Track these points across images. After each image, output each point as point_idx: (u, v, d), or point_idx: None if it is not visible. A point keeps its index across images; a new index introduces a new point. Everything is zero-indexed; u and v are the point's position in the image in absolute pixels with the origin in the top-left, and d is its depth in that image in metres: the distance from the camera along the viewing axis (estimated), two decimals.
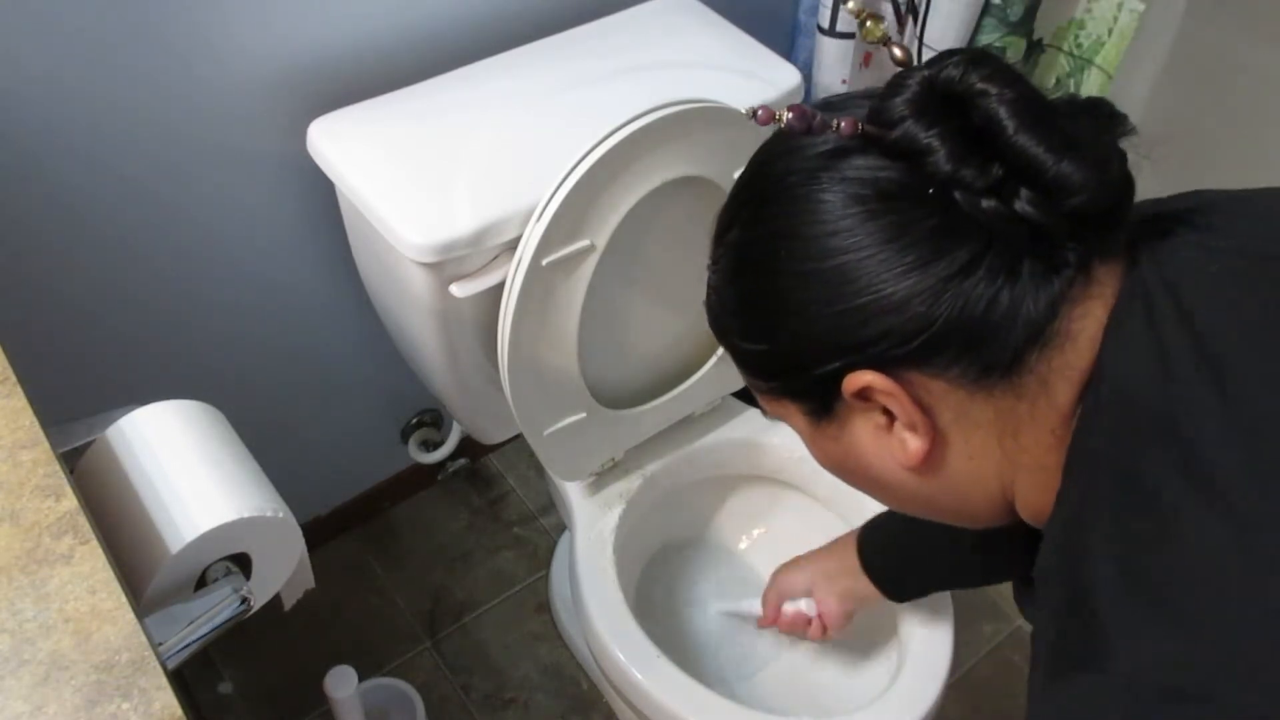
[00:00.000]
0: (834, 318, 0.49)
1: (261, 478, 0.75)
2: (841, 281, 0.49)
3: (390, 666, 1.44)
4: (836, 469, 0.59)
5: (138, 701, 0.50)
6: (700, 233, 1.06)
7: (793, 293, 0.51)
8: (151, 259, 1.06)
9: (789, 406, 0.57)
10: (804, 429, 0.58)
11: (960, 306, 0.47)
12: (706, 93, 0.93)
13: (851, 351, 0.50)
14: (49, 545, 0.56)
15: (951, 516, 0.58)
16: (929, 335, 0.47)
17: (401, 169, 0.94)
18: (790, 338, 0.52)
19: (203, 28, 0.93)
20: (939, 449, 0.52)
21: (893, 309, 0.48)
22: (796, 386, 0.55)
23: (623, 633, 1.05)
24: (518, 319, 0.92)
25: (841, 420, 0.54)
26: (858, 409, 0.53)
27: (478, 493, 1.63)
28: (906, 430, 0.52)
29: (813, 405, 0.55)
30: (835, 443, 0.56)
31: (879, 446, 0.54)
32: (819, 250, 0.49)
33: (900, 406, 0.50)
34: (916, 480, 0.54)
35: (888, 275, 0.48)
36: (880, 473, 0.56)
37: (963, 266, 0.47)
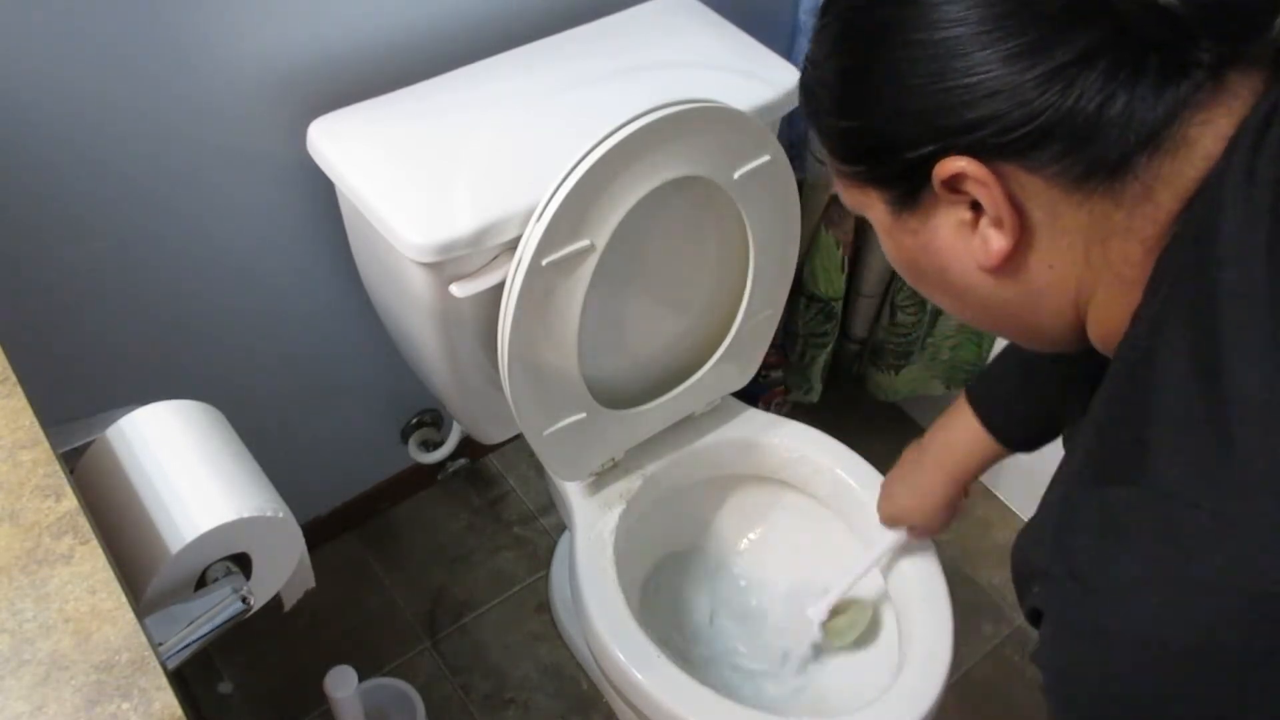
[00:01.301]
0: (938, 95, 0.47)
1: (261, 478, 0.75)
2: (952, 56, 0.46)
3: (390, 666, 1.44)
4: (909, 267, 0.56)
5: (138, 701, 0.50)
6: (700, 233, 1.07)
7: (899, 64, 0.48)
8: (151, 259, 1.06)
9: (870, 194, 0.54)
10: (882, 220, 0.55)
11: (1074, 99, 0.44)
12: (706, 93, 0.93)
13: (950, 134, 0.47)
14: (49, 545, 0.56)
15: (1017, 329, 0.56)
16: (1035, 126, 0.45)
17: (401, 169, 0.94)
18: (888, 114, 0.49)
19: (202, 27, 0.93)
20: (1021, 251, 0.49)
21: (1001, 93, 0.45)
22: (883, 171, 0.52)
23: (623, 633, 1.05)
24: (518, 319, 0.92)
25: (924, 212, 0.51)
26: (944, 200, 0.50)
27: (478, 493, 1.63)
28: (991, 227, 0.49)
29: (896, 193, 0.52)
30: (913, 237, 0.53)
31: (959, 243, 0.51)
32: (935, 19, 0.46)
33: (991, 198, 0.47)
34: (990, 284, 0.52)
35: (1002, 55, 0.45)
36: (955, 273, 0.53)
37: (1083, 55, 0.43)
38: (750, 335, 1.18)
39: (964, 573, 1.56)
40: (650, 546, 1.28)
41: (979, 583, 1.56)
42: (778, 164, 1.02)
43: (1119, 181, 0.45)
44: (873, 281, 1.53)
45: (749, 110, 0.99)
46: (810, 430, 1.24)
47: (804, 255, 1.45)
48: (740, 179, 0.99)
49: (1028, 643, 1.50)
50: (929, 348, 1.56)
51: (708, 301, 1.14)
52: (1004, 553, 1.59)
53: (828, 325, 1.53)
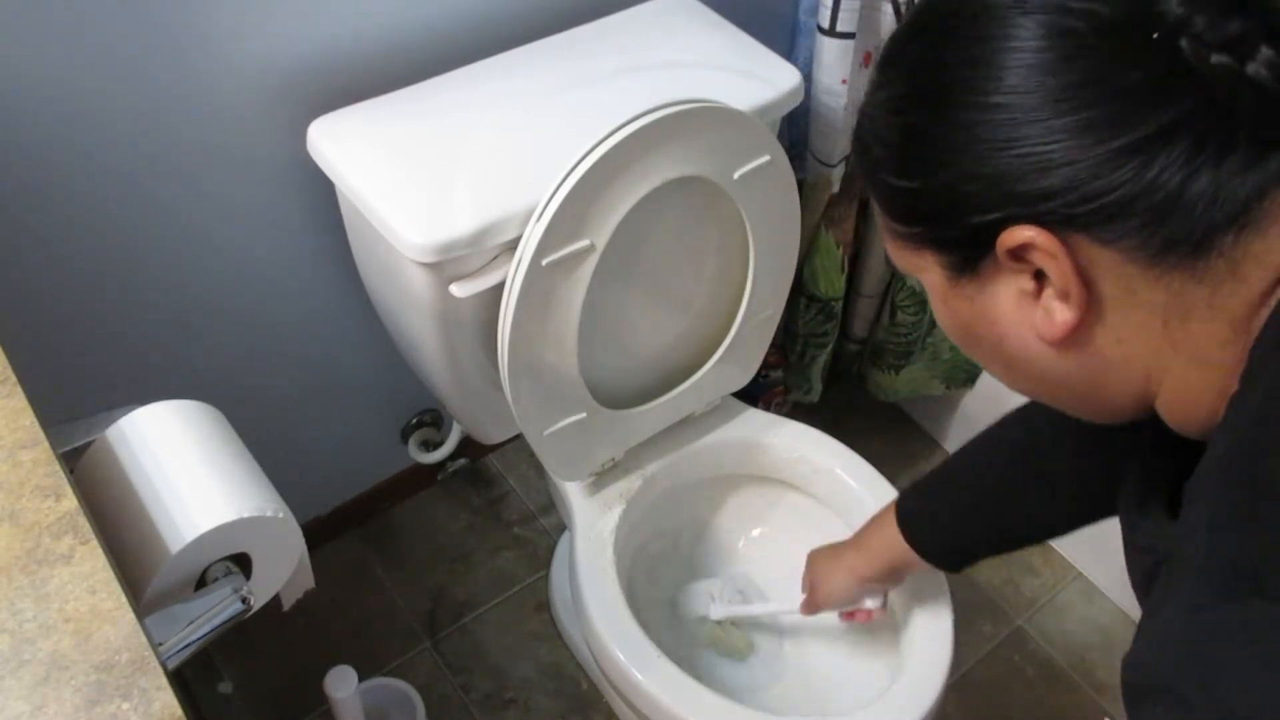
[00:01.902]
0: (1009, 161, 0.45)
1: (261, 478, 0.75)
2: (1027, 121, 0.44)
3: (390, 666, 1.44)
4: (961, 334, 0.55)
5: (138, 701, 0.50)
6: (700, 232, 1.07)
7: (969, 128, 0.46)
8: (151, 259, 1.06)
9: (926, 257, 0.52)
10: (937, 285, 0.53)
11: (1154, 174, 0.42)
12: (706, 93, 0.93)
13: (1019, 202, 0.45)
14: (49, 545, 0.56)
15: (1074, 402, 0.54)
16: (1111, 200, 0.43)
17: (401, 169, 0.94)
18: (952, 178, 0.47)
19: (202, 27, 0.93)
20: (1088, 325, 0.47)
21: (1077, 164, 0.43)
22: (943, 235, 0.50)
23: (623, 633, 1.05)
24: (518, 319, 0.92)
25: (984, 279, 0.50)
26: (1006, 269, 0.48)
27: (478, 493, 1.63)
28: (1057, 299, 0.47)
29: (955, 259, 0.50)
30: (970, 304, 0.51)
31: (1019, 314, 0.49)
32: (1012, 83, 0.45)
33: (1059, 271, 0.46)
34: (1051, 357, 0.50)
35: (1079, 125, 0.43)
36: (1013, 344, 0.51)
37: (1167, 129, 0.42)
38: (750, 335, 1.18)
39: (964, 572, 1.56)
40: (651, 546, 1.28)
41: (979, 583, 1.56)
42: (778, 164, 1.02)
43: (1201, 259, 0.44)
44: (873, 281, 1.53)
45: (749, 110, 0.99)
46: (810, 430, 1.24)
47: (804, 255, 1.45)
48: (740, 179, 0.99)
49: (1028, 642, 1.50)
50: (929, 348, 1.56)
51: (708, 301, 1.14)
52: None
53: (828, 325, 1.53)
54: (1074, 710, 1.44)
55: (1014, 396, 0.60)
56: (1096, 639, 1.50)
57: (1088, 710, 1.44)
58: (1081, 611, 1.53)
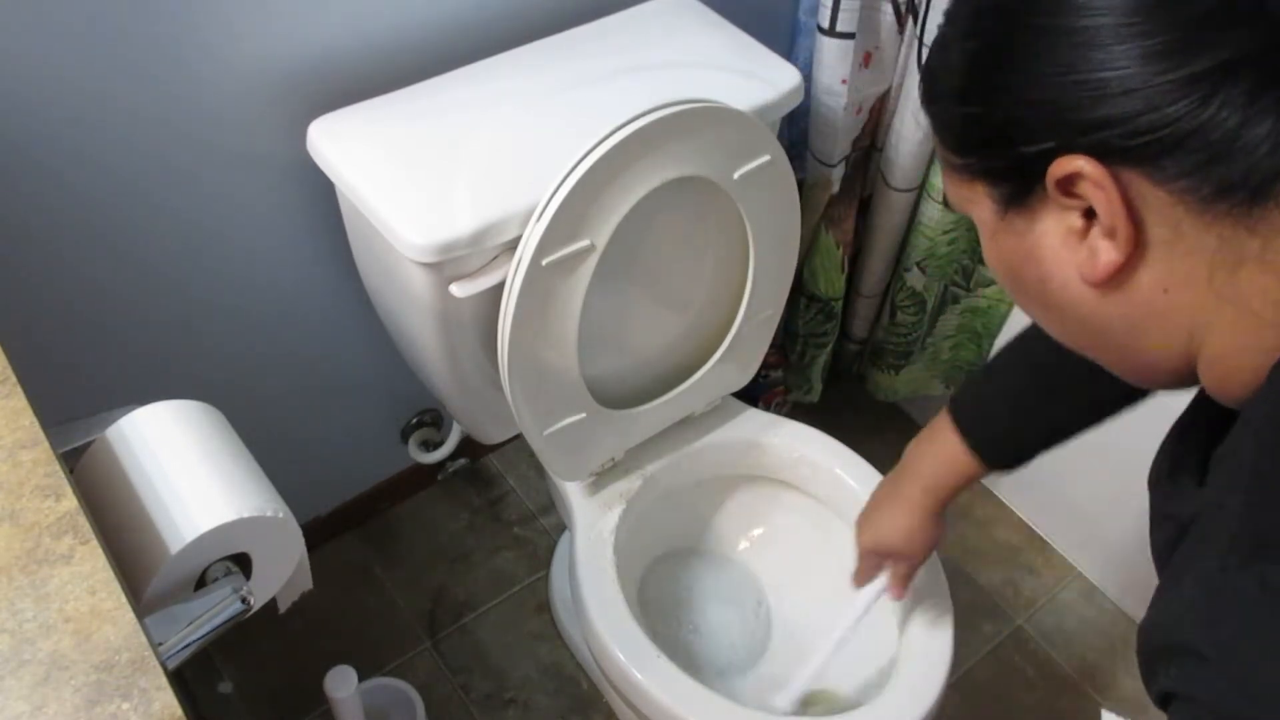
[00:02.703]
0: (1067, 87, 0.43)
1: (261, 478, 0.75)
2: (1088, 46, 0.42)
3: (390, 666, 1.44)
4: (1007, 273, 0.53)
5: (138, 701, 0.50)
6: (700, 232, 1.07)
7: (1031, 49, 0.45)
8: (151, 259, 1.06)
9: (978, 189, 0.51)
10: (987, 220, 0.51)
11: (1212, 111, 0.40)
12: (706, 93, 0.93)
13: (1072, 130, 0.44)
14: (49, 545, 0.56)
15: (1116, 355, 0.52)
16: (1166, 133, 0.41)
17: (401, 169, 0.94)
18: (1012, 102, 0.46)
19: (202, 27, 0.93)
20: (1133, 267, 0.45)
21: (1134, 93, 0.41)
22: (996, 165, 0.49)
23: (623, 633, 1.05)
24: (518, 319, 0.92)
25: (1032, 213, 0.48)
26: (1055, 203, 0.47)
27: (478, 493, 1.63)
28: (1104, 237, 0.45)
29: (1006, 191, 0.49)
30: (1018, 239, 0.50)
31: (1065, 252, 0.48)
32: (1077, 4, 0.43)
33: (1107, 204, 0.44)
34: (1094, 299, 0.48)
35: (1140, 51, 0.41)
36: (1056, 284, 0.49)
37: (1230, 64, 0.40)
38: (750, 335, 1.18)
39: (964, 573, 1.56)
40: (650, 546, 1.28)
41: (979, 583, 1.56)
42: (778, 164, 1.02)
43: (1258, 207, 0.42)
44: (873, 281, 1.53)
45: (749, 110, 0.99)
46: (810, 430, 1.24)
47: (804, 255, 1.45)
48: (740, 179, 0.99)
49: (1028, 642, 1.50)
50: (929, 348, 1.56)
51: (708, 301, 1.14)
52: (1004, 551, 1.59)
53: (828, 325, 1.53)
54: (1074, 710, 1.44)
55: None
56: (1096, 639, 1.50)
57: (1088, 710, 1.44)
58: (1081, 611, 1.53)
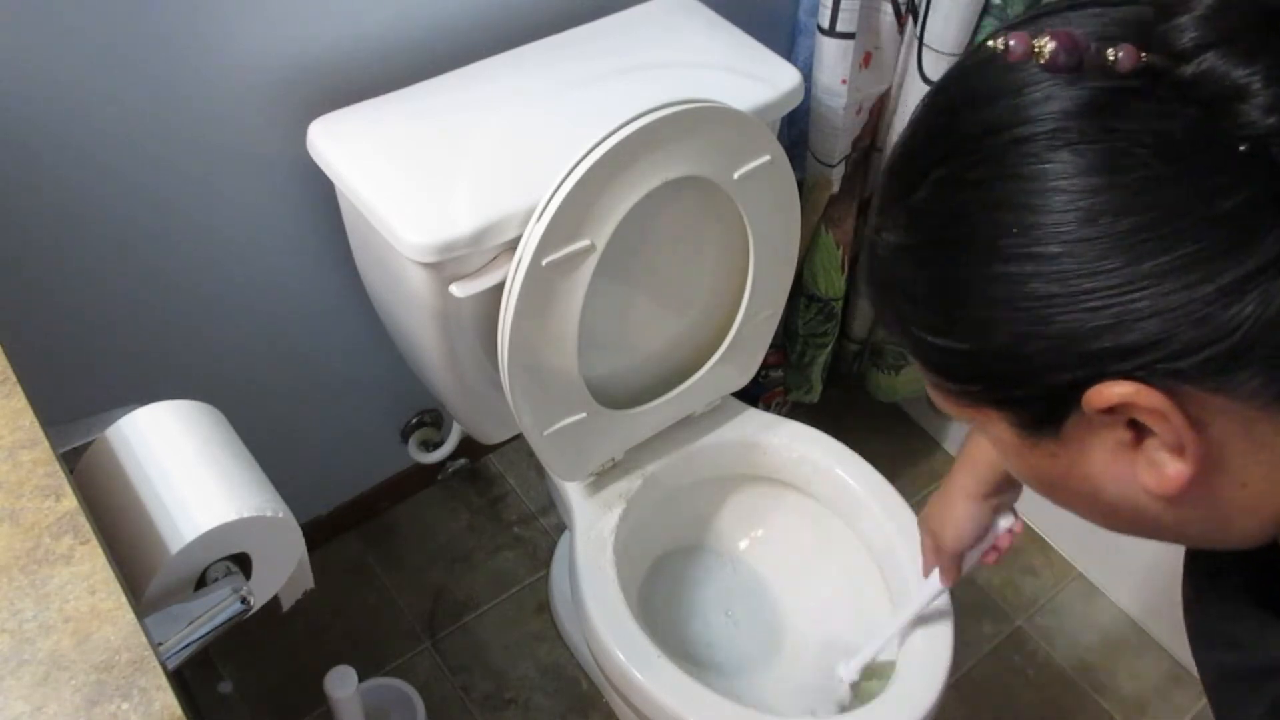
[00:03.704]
0: (1080, 317, 0.38)
1: (261, 478, 0.75)
2: (1096, 271, 0.37)
3: (390, 666, 1.44)
4: (1043, 487, 0.47)
5: (138, 701, 0.50)
6: (700, 233, 1.07)
7: (1021, 282, 0.39)
8: (151, 259, 1.06)
9: (990, 415, 0.44)
10: (1008, 441, 0.45)
11: (1273, 312, 0.36)
12: (706, 93, 0.93)
13: (1106, 360, 0.38)
14: (49, 545, 0.56)
15: (1190, 542, 0.48)
16: (1224, 346, 0.37)
17: (401, 169, 0.94)
18: (1011, 339, 0.40)
19: (202, 28, 0.93)
20: (1205, 474, 0.40)
21: (1172, 311, 0.36)
22: (1009, 396, 0.43)
23: (623, 633, 1.05)
24: (518, 319, 0.92)
25: (1067, 437, 0.42)
26: (1096, 424, 0.41)
27: (478, 493, 1.63)
28: (1167, 452, 0.40)
29: (1028, 417, 0.43)
30: (1052, 460, 0.44)
31: (1119, 467, 0.42)
32: (1067, 227, 0.37)
33: (1169, 428, 0.39)
34: (1162, 508, 0.43)
35: (1171, 265, 0.36)
36: (1112, 495, 0.44)
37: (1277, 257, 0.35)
38: (750, 335, 1.18)
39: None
40: (650, 546, 1.28)
41: (979, 583, 1.56)
42: (778, 164, 1.02)
43: None
44: None
45: (749, 110, 0.99)
46: (810, 430, 1.24)
47: (804, 255, 1.45)
48: (740, 179, 0.99)
49: (1028, 642, 1.50)
50: None
51: (708, 301, 1.14)
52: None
53: (828, 325, 1.53)
54: (1074, 710, 1.44)
55: None
56: (1096, 639, 1.50)
57: (1088, 710, 1.44)
58: (1081, 611, 1.53)
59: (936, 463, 1.70)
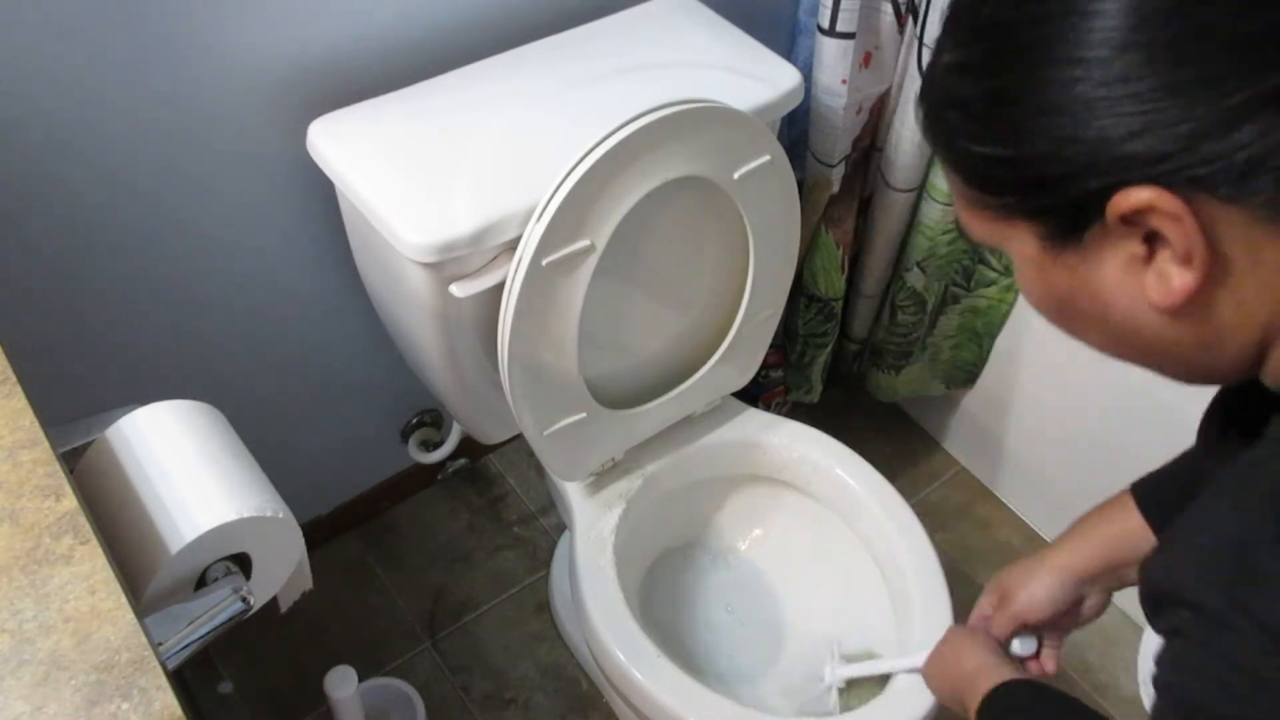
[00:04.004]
0: (1116, 121, 0.41)
1: (261, 478, 0.75)
2: (1135, 77, 0.40)
3: (390, 666, 1.44)
4: (1056, 304, 0.51)
5: (138, 701, 0.50)
6: (700, 233, 1.07)
7: (1067, 86, 0.42)
8: (151, 259, 1.06)
9: (1017, 227, 0.48)
10: (1030, 255, 0.49)
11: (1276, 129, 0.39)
12: (706, 93, 0.93)
13: (1131, 165, 0.41)
14: (49, 545, 0.56)
15: (1179, 367, 0.50)
16: (1242, 157, 0.40)
17: (401, 169, 0.94)
18: (1050, 143, 0.43)
19: (201, 28, 0.93)
20: (1207, 289, 0.44)
21: (1198, 120, 0.40)
22: (1041, 204, 0.46)
23: (623, 633, 1.05)
24: (518, 319, 0.92)
25: (1088, 248, 0.46)
26: (1114, 234, 0.44)
27: (478, 493, 1.63)
28: (1176, 263, 0.43)
29: (1055, 228, 0.46)
30: (1069, 274, 0.47)
31: (1128, 281, 0.46)
32: (1111, 35, 0.41)
33: (1181, 234, 0.42)
34: (1162, 324, 0.46)
35: (1200, 77, 0.40)
36: (1119, 311, 0.47)
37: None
38: (750, 335, 1.18)
39: (964, 573, 1.56)
40: (650, 546, 1.28)
41: (979, 583, 1.56)
42: (778, 164, 1.02)
43: None
44: (873, 281, 1.53)
45: (749, 110, 0.99)
46: (810, 430, 1.24)
47: (804, 255, 1.45)
48: (740, 179, 0.99)
49: None
50: (929, 348, 1.56)
51: (708, 301, 1.14)
52: (1004, 552, 1.59)
53: (828, 325, 1.53)
54: None
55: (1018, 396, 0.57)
56: (1096, 639, 1.50)
57: None
58: None
59: (936, 463, 1.70)
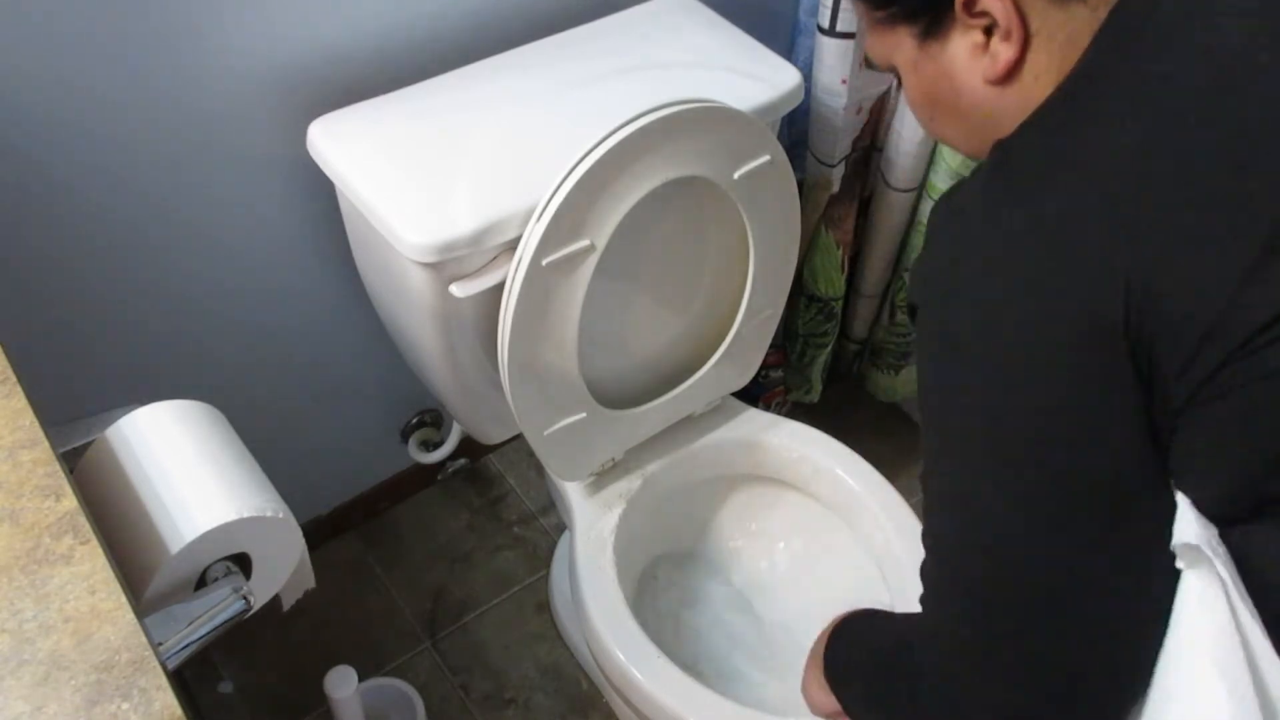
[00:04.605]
0: None
1: (261, 478, 0.75)
2: None
3: (390, 666, 1.44)
4: (927, 97, 0.66)
5: (138, 701, 0.51)
6: (700, 233, 1.07)
7: None
8: (150, 259, 1.06)
9: (899, 32, 0.63)
10: (909, 54, 0.64)
11: None
12: (706, 93, 0.93)
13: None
14: (49, 545, 0.56)
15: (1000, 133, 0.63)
16: None
17: (401, 169, 0.94)
18: None
19: (201, 28, 0.93)
20: (1022, 62, 0.59)
21: None
22: (911, 7, 0.62)
23: (623, 633, 1.05)
24: (518, 319, 0.92)
25: (944, 39, 0.61)
26: (961, 25, 0.60)
27: (478, 493, 1.63)
28: (1001, 41, 0.58)
29: (923, 25, 0.62)
30: (935, 63, 0.63)
31: (973, 62, 0.61)
32: None
33: (1003, 10, 0.57)
34: (995, 96, 0.61)
35: None
36: (967, 90, 0.62)
37: None
38: (750, 335, 1.18)
39: None
40: (650, 547, 1.28)
41: None
42: (778, 164, 1.02)
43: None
44: (873, 281, 1.53)
45: (749, 110, 0.99)
46: (810, 430, 1.24)
47: (804, 255, 1.45)
48: (740, 179, 0.99)
49: None
50: None
51: (708, 301, 1.14)
52: None
53: (828, 325, 1.53)
54: None
55: None
56: None
57: None
58: None
59: None
